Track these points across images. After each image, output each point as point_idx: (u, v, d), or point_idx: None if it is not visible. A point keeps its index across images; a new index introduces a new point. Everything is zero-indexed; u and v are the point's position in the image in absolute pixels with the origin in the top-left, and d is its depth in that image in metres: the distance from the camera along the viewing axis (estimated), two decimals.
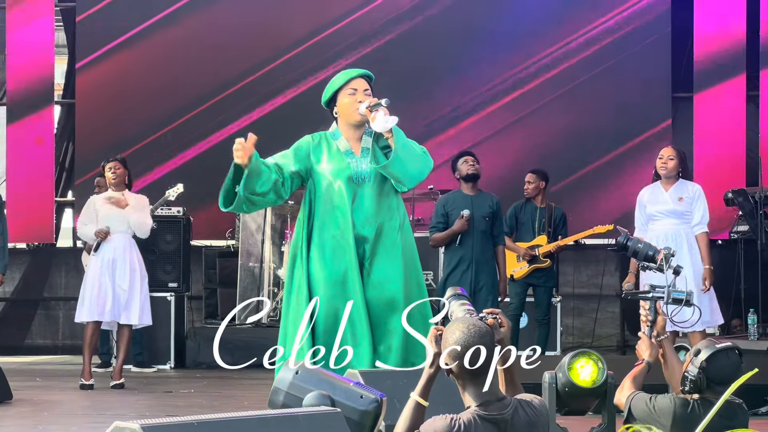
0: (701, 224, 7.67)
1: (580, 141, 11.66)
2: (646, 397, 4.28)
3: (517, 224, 9.17)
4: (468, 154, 8.55)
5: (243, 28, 12.02)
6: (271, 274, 10.74)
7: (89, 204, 8.67)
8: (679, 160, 7.70)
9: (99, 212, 8.51)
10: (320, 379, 3.92)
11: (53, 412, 7.22)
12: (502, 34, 11.78)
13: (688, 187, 7.70)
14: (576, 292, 11.43)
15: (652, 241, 7.47)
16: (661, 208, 7.65)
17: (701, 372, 4.15)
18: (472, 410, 3.38)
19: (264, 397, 4.25)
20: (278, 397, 3.94)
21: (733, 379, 4.02)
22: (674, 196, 7.64)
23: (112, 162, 8.60)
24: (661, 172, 7.68)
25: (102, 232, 8.40)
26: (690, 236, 7.61)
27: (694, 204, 7.65)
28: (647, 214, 7.71)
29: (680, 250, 7.47)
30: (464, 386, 3.43)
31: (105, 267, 8.42)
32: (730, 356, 4.21)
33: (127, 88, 12.06)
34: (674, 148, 7.85)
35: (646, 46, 11.62)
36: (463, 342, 3.38)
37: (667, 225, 7.62)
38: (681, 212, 7.62)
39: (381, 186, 5.09)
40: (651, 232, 7.63)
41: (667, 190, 7.67)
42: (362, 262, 5.05)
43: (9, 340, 11.68)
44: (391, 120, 4.92)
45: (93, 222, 8.51)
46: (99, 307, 8.38)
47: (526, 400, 3.48)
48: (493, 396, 3.41)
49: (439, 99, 11.81)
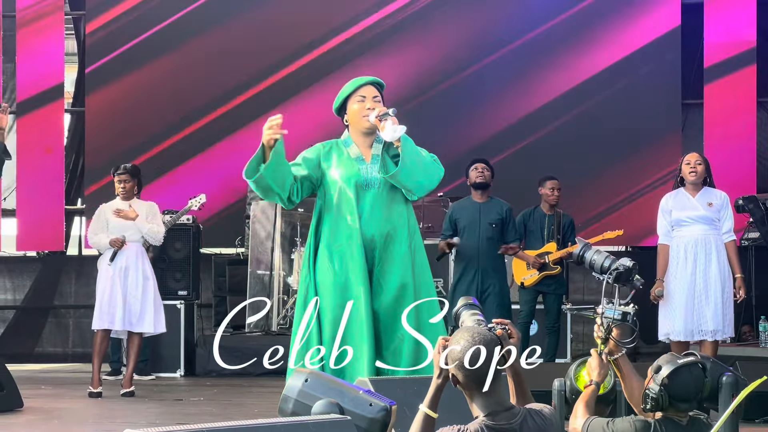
0: (730, 232, 7.54)
1: (589, 147, 11.65)
2: (603, 422, 4.01)
3: (526, 232, 9.15)
4: (480, 162, 8.55)
5: (253, 35, 12.03)
6: (280, 281, 10.74)
7: (99, 213, 8.68)
8: (705, 166, 7.57)
9: (110, 221, 8.52)
10: (329, 386, 3.91)
11: (63, 420, 7.23)
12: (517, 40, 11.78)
13: (715, 193, 7.55)
14: (586, 299, 11.40)
15: (681, 249, 7.47)
16: (691, 214, 7.46)
17: (663, 389, 3.90)
18: (480, 420, 3.36)
19: (274, 405, 4.25)
20: (287, 404, 3.93)
21: (696, 396, 3.94)
22: (703, 202, 7.47)
23: (122, 174, 8.59)
24: (691, 177, 7.49)
25: (118, 241, 8.41)
26: (719, 243, 7.44)
27: (722, 211, 7.50)
28: (673, 220, 7.51)
29: (709, 256, 7.40)
30: (471, 396, 3.42)
31: (117, 275, 8.42)
32: (693, 372, 3.99)
33: (137, 95, 12.07)
34: (700, 154, 7.69)
35: (657, 54, 11.61)
36: (466, 347, 3.36)
37: (696, 231, 7.45)
38: (711, 219, 7.45)
39: (391, 193, 5.10)
40: (678, 239, 7.49)
41: (693, 197, 7.50)
42: (372, 269, 5.05)
43: (19, 348, 11.69)
44: (400, 129, 4.93)
45: (104, 231, 8.52)
46: (109, 316, 8.40)
47: (535, 410, 3.45)
48: (501, 406, 3.38)
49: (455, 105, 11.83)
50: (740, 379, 5.19)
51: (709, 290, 7.37)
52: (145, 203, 8.73)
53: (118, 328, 8.48)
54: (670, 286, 7.46)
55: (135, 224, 8.48)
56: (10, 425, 6.87)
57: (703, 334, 7.41)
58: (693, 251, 7.42)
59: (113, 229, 8.48)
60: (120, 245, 8.42)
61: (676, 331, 7.43)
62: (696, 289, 7.39)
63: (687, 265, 7.41)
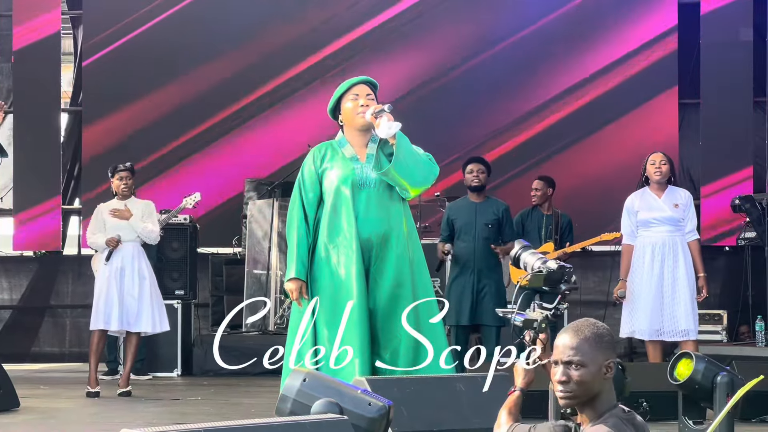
0: (693, 231, 7.58)
1: (586, 149, 11.66)
2: (525, 429, 3.80)
3: (524, 231, 9.15)
4: (476, 162, 8.52)
5: (254, 32, 12.03)
6: (278, 281, 10.74)
7: (97, 213, 8.67)
8: (670, 165, 7.62)
9: (107, 221, 8.52)
10: (328, 386, 3.92)
11: (60, 420, 7.22)
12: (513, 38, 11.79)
13: (680, 193, 7.60)
14: (583, 299, 11.40)
15: (647, 249, 7.49)
16: (657, 215, 7.49)
17: None
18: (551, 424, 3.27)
19: (271, 405, 4.25)
20: (286, 404, 3.93)
21: (618, 396, 3.85)
22: (669, 203, 7.51)
23: (123, 172, 8.58)
24: (656, 177, 7.53)
25: (113, 241, 8.40)
26: (684, 244, 7.49)
27: (686, 211, 7.54)
28: (640, 221, 7.54)
29: (676, 257, 7.44)
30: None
31: (113, 275, 8.42)
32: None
33: (135, 94, 12.06)
34: (664, 153, 7.71)
35: (653, 53, 11.61)
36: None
37: (662, 233, 7.49)
38: (677, 219, 7.49)
39: (387, 192, 5.11)
40: (644, 239, 7.52)
41: (659, 197, 7.54)
42: (368, 268, 5.05)
43: (16, 347, 11.67)
44: (395, 126, 4.94)
45: (101, 231, 8.52)
46: (105, 316, 8.39)
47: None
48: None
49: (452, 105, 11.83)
50: (736, 379, 5.20)
51: (677, 291, 7.41)
52: (142, 202, 8.72)
53: (114, 328, 8.47)
54: (635, 286, 7.49)
55: (129, 224, 8.47)
56: (6, 425, 6.86)
57: (672, 335, 7.44)
58: (660, 252, 7.45)
59: (110, 229, 8.48)
60: (115, 245, 8.41)
61: (640, 330, 7.48)
62: (663, 290, 7.42)
63: (654, 265, 7.44)
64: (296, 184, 5.19)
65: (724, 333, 10.21)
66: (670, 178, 7.61)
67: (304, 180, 5.17)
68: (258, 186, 11.28)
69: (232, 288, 11.25)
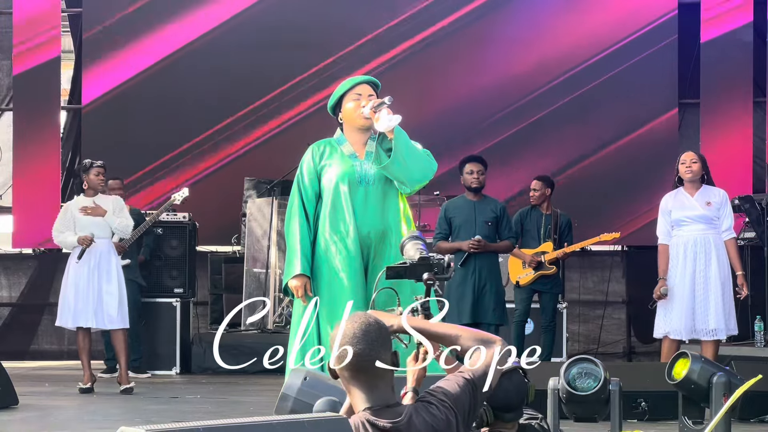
0: (730, 230, 7.54)
1: (585, 147, 11.66)
2: None
3: (523, 231, 9.15)
4: (474, 161, 8.50)
5: (253, 37, 12.02)
6: (276, 279, 10.74)
7: (65, 211, 8.61)
8: (702, 164, 7.57)
9: (78, 219, 8.46)
10: (329, 385, 3.91)
11: (59, 418, 7.22)
12: (512, 41, 11.79)
13: (714, 191, 7.55)
14: (582, 299, 11.42)
15: (680, 248, 7.47)
16: (690, 213, 7.46)
17: (485, 404, 3.58)
18: (362, 414, 3.04)
19: (270, 403, 4.25)
20: (287, 403, 3.93)
21: (519, 403, 3.70)
22: (701, 201, 7.47)
23: (100, 168, 8.56)
24: (687, 176, 7.50)
25: (87, 239, 8.35)
26: (718, 242, 7.45)
27: (721, 209, 7.50)
28: (674, 220, 7.51)
29: (709, 256, 7.40)
30: (347, 386, 3.12)
31: (92, 273, 8.38)
32: (514, 379, 3.65)
33: (134, 92, 12.06)
34: (695, 152, 7.70)
35: (653, 53, 11.61)
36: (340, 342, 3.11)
37: (695, 231, 7.45)
38: (710, 218, 7.45)
39: (385, 189, 5.11)
40: (677, 239, 7.50)
41: (692, 196, 7.50)
42: (367, 265, 5.05)
43: (15, 345, 11.68)
44: (395, 119, 4.93)
45: (70, 229, 8.48)
46: (84, 314, 8.35)
47: (423, 404, 3.10)
48: (384, 401, 3.07)
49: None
50: (732, 379, 5.20)
51: (710, 289, 7.38)
52: (109, 197, 8.69)
53: (93, 326, 8.45)
54: (670, 285, 7.46)
55: (105, 220, 8.43)
56: (5, 422, 6.86)
57: (703, 334, 7.42)
58: (693, 251, 7.42)
59: (82, 227, 8.42)
60: (89, 243, 8.37)
61: (675, 330, 7.45)
62: (696, 289, 7.40)
63: (687, 264, 7.42)
64: (295, 180, 5.19)
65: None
66: (703, 176, 7.57)
67: (302, 177, 5.16)
68: (257, 184, 11.27)
69: (231, 286, 11.25)
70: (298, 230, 5.08)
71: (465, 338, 3.40)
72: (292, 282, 5.04)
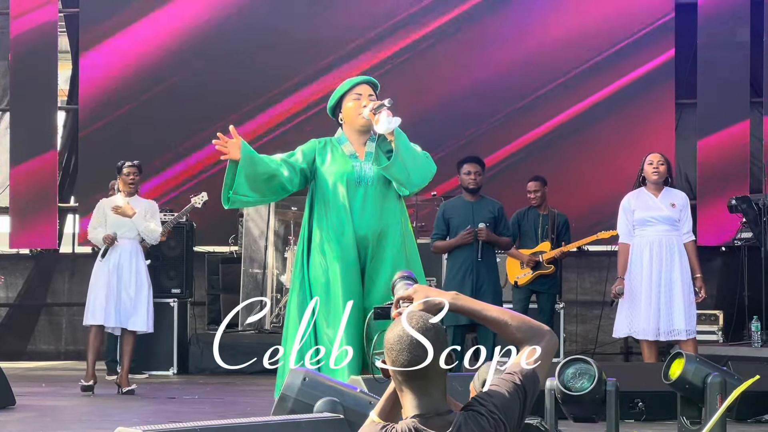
0: (690, 233, 7.58)
1: (583, 148, 11.67)
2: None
3: (520, 231, 9.15)
4: (472, 162, 8.49)
5: (252, 32, 12.03)
6: (274, 279, 10.74)
7: (99, 207, 8.65)
8: (668, 166, 7.62)
9: (108, 217, 8.49)
10: (328, 385, 3.91)
11: (56, 418, 7.22)
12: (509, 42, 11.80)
13: (676, 194, 7.60)
14: (579, 299, 11.41)
15: (644, 248, 7.48)
16: (655, 214, 7.48)
17: None
18: (409, 421, 2.95)
19: (267, 404, 4.25)
20: (286, 403, 3.92)
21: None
22: (665, 202, 7.51)
23: (132, 168, 8.56)
24: (653, 177, 7.52)
25: (109, 238, 8.39)
26: (680, 244, 7.48)
27: (683, 212, 7.53)
28: (637, 220, 7.53)
29: (672, 257, 7.43)
30: (401, 390, 3.03)
31: (113, 272, 8.41)
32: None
33: (131, 92, 12.06)
34: (661, 154, 7.71)
35: (650, 53, 11.62)
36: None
37: (660, 232, 7.47)
38: (674, 219, 7.48)
39: (384, 190, 5.10)
40: (641, 239, 7.51)
41: (656, 197, 7.53)
42: (364, 266, 5.05)
43: (12, 345, 11.68)
44: (395, 121, 4.93)
45: (102, 226, 8.50)
46: (105, 312, 8.38)
47: (473, 413, 3.01)
48: (434, 409, 2.96)
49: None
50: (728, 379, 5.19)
51: (674, 290, 7.40)
52: (145, 201, 8.71)
53: (111, 324, 8.46)
54: (633, 286, 7.48)
55: (132, 221, 8.45)
56: (2, 423, 6.86)
57: (676, 334, 7.43)
58: (658, 251, 7.44)
59: (111, 225, 8.46)
60: (111, 242, 8.39)
61: (640, 330, 7.45)
62: (661, 290, 7.41)
63: (652, 264, 7.44)
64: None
65: (720, 333, 10.22)
66: (667, 179, 7.60)
67: (302, 148, 5.18)
68: None
69: (229, 287, 11.25)
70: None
71: (514, 328, 3.32)
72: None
